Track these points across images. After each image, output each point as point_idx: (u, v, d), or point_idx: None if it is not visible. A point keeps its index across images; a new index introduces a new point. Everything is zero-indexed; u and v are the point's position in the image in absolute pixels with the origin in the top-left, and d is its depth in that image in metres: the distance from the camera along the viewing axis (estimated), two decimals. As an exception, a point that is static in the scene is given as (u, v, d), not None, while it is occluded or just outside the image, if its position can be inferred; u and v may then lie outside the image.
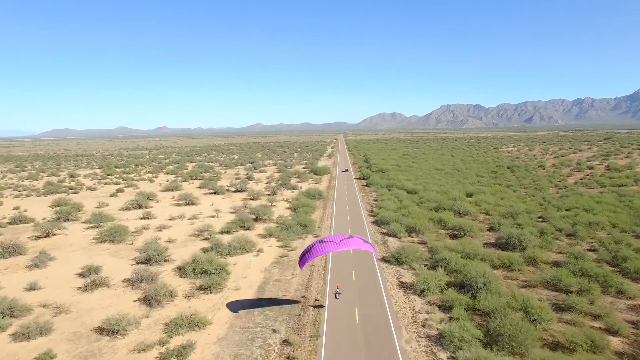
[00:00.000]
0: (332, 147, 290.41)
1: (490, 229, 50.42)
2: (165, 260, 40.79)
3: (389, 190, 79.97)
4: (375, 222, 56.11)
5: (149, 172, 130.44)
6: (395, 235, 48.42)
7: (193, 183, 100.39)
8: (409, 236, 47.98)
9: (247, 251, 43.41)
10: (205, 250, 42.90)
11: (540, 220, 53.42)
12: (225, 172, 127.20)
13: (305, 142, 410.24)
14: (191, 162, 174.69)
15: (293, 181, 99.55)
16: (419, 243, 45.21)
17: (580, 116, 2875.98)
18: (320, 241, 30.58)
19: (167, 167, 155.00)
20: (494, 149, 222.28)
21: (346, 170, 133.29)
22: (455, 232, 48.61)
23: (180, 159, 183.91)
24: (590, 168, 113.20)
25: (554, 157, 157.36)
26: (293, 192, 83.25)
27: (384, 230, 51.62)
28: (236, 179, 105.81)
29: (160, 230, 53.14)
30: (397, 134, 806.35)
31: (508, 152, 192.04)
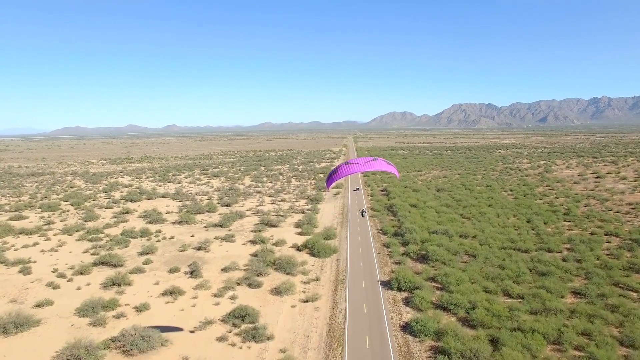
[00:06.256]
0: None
1: None
2: None
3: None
4: None
5: (63, 232, 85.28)
6: None
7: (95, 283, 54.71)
8: None
9: None
10: None
11: None
12: (172, 238, 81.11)
13: (312, 151, 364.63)
14: (150, 198, 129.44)
15: (270, 285, 53.59)
16: None
17: (597, 116, 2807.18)
18: (346, 163, 34.31)
19: (112, 209, 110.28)
20: (548, 172, 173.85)
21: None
22: None
23: (139, 191, 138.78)
24: None
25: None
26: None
27: None
28: (171, 269, 59.93)
29: None
30: (410, 135, 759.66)
31: (575, 183, 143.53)
